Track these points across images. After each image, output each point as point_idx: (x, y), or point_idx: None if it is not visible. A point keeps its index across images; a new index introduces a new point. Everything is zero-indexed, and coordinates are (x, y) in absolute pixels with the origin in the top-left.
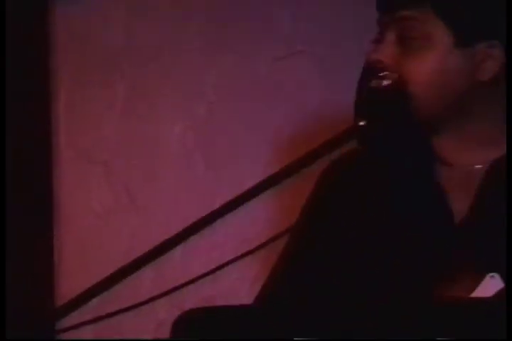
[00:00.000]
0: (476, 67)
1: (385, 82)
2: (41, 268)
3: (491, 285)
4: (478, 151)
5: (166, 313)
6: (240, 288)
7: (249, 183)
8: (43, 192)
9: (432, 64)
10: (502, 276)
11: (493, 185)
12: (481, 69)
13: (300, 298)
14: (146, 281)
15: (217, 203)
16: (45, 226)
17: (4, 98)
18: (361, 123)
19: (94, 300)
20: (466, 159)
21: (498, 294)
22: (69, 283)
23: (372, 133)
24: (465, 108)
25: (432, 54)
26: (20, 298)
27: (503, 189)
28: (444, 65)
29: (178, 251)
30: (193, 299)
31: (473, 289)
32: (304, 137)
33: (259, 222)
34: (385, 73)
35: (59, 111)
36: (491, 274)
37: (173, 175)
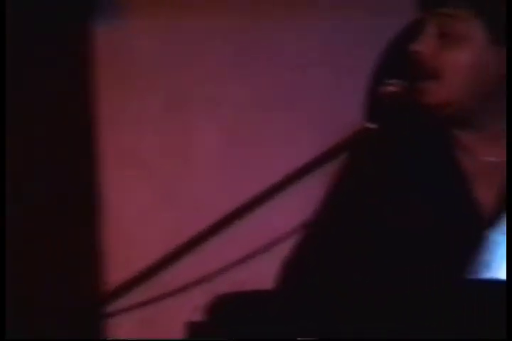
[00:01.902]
0: (502, 64)
1: (393, 89)
2: (89, 260)
3: None
4: (503, 146)
5: (200, 299)
6: (268, 274)
7: (274, 179)
8: (92, 190)
9: (467, 58)
10: None
11: None
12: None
13: (317, 285)
14: (182, 271)
15: (245, 199)
16: (94, 222)
17: (50, 104)
18: (370, 125)
19: (137, 288)
20: (490, 152)
21: None
22: (117, 272)
23: (383, 133)
24: (493, 103)
25: (467, 49)
26: (76, 285)
27: None
28: (478, 60)
29: (211, 243)
30: (225, 285)
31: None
32: (319, 140)
33: (285, 214)
34: (392, 81)
35: (101, 116)
36: None
37: (206, 175)
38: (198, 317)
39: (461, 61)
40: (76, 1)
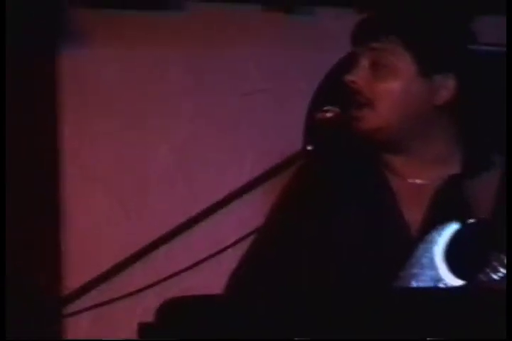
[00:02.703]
0: (433, 94)
1: (329, 115)
2: (51, 265)
3: None
4: (430, 169)
5: (151, 302)
6: (213, 281)
7: (221, 195)
8: (55, 201)
9: (397, 87)
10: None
11: (445, 199)
12: (436, 96)
13: (264, 288)
14: (135, 275)
15: (194, 212)
16: (56, 230)
17: (18, 121)
18: (309, 147)
19: (94, 291)
20: (418, 175)
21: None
22: (74, 277)
23: (320, 154)
24: (422, 129)
25: (398, 79)
26: (34, 289)
27: (452, 204)
28: (407, 89)
29: (162, 251)
30: (175, 290)
31: None
32: (263, 158)
33: (230, 227)
34: (328, 107)
35: (65, 134)
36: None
37: (157, 189)
38: (149, 318)
39: (391, 90)
40: (43, 30)
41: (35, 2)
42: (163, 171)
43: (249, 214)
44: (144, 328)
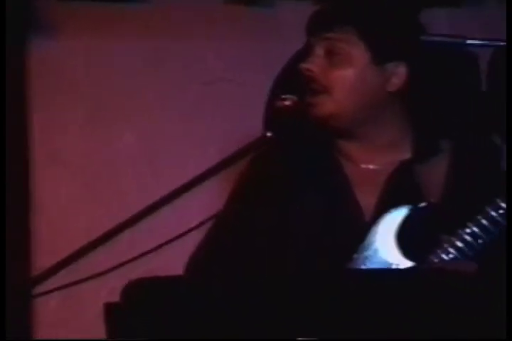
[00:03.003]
0: (385, 81)
1: (287, 103)
2: (20, 248)
3: None
4: (382, 154)
5: (116, 283)
6: (176, 262)
7: (184, 180)
8: (24, 185)
9: (351, 75)
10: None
11: (397, 183)
12: (389, 83)
13: (220, 270)
14: (101, 257)
15: (158, 196)
16: (26, 214)
17: None
18: (268, 134)
19: (61, 272)
20: (371, 160)
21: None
22: (42, 258)
23: (278, 141)
24: (375, 115)
25: (352, 67)
26: (9, 269)
27: (404, 188)
28: (361, 76)
29: (127, 234)
30: (139, 271)
31: None
32: (224, 145)
33: (193, 210)
34: (286, 96)
35: (34, 123)
36: None
37: (123, 175)
38: (114, 298)
39: (345, 77)
40: (12, 21)
41: None
42: (128, 158)
43: (211, 199)
44: (109, 308)
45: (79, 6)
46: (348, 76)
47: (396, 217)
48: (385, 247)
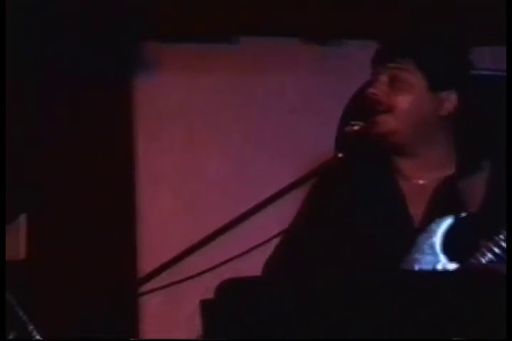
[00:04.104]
0: (439, 106)
1: (355, 128)
2: (129, 255)
3: None
4: (431, 171)
5: (211, 282)
6: (260, 265)
7: (267, 194)
8: (130, 201)
9: (410, 99)
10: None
11: (443, 196)
12: (441, 108)
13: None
14: (197, 261)
15: (244, 209)
16: (130, 227)
17: (99, 139)
18: (339, 155)
19: (163, 274)
20: (421, 176)
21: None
22: (147, 263)
23: (347, 161)
24: (428, 135)
25: (411, 93)
26: (119, 272)
27: (448, 200)
28: (419, 101)
29: (218, 242)
30: (229, 272)
31: None
32: (302, 165)
33: (272, 222)
34: (355, 122)
35: (139, 148)
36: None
37: (215, 191)
38: (208, 296)
39: (405, 101)
40: (120, 61)
41: (114, 38)
42: (219, 178)
43: (291, 211)
44: (204, 304)
45: (178, 47)
46: (407, 99)
47: (441, 224)
48: (432, 250)
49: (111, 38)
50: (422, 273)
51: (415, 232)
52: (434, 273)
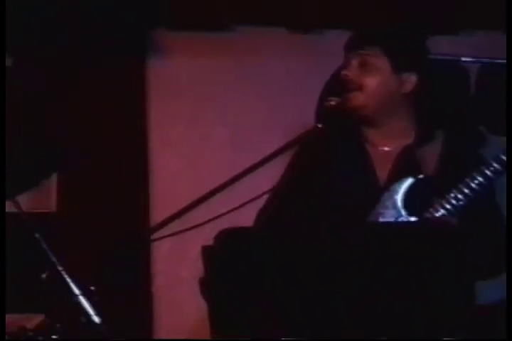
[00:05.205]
0: (401, 85)
1: (332, 103)
2: (143, 207)
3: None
4: (394, 139)
5: (211, 232)
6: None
7: (258, 158)
8: (143, 166)
9: (377, 79)
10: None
11: (404, 161)
12: (403, 87)
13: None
14: (200, 213)
15: (241, 169)
16: (145, 184)
17: (114, 119)
18: (319, 125)
19: (172, 224)
20: (386, 144)
21: None
22: (158, 214)
23: (326, 131)
24: (392, 109)
25: (378, 74)
26: (136, 220)
27: (409, 164)
28: (384, 81)
29: (218, 196)
30: (226, 223)
31: None
32: (288, 133)
33: (264, 180)
34: (332, 98)
35: (151, 118)
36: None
37: (217, 155)
38: (209, 242)
39: (373, 81)
40: (135, 45)
41: (131, 26)
42: (220, 144)
43: (279, 171)
44: (205, 249)
45: (183, 35)
46: (374, 80)
47: (402, 185)
48: (394, 206)
49: (129, 26)
50: (386, 224)
51: (381, 191)
52: (396, 224)
